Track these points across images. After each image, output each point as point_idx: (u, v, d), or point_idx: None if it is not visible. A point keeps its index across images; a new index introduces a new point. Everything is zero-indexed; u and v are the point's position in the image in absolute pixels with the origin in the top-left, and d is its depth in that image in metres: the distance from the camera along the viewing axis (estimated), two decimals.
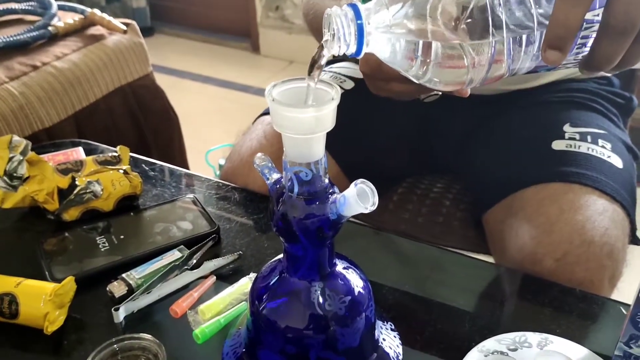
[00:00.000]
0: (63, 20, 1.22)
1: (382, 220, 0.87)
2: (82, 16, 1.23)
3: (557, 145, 0.73)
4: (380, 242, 0.72)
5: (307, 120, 0.39)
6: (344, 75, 0.86)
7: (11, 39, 1.11)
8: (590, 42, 0.40)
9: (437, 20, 0.39)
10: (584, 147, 0.72)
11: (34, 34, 1.14)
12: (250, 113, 0.84)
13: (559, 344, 0.52)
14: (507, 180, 0.73)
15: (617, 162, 0.71)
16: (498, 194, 0.73)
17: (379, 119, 0.82)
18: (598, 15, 0.38)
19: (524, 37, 0.40)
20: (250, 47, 2.81)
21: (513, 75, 0.43)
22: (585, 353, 0.51)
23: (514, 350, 0.51)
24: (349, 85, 0.84)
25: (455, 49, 0.39)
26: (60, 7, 1.27)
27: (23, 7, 1.28)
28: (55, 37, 1.18)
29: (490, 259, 0.76)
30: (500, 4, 0.38)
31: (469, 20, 0.38)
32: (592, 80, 0.84)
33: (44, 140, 1.05)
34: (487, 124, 0.81)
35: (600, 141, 0.73)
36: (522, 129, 0.77)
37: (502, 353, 0.50)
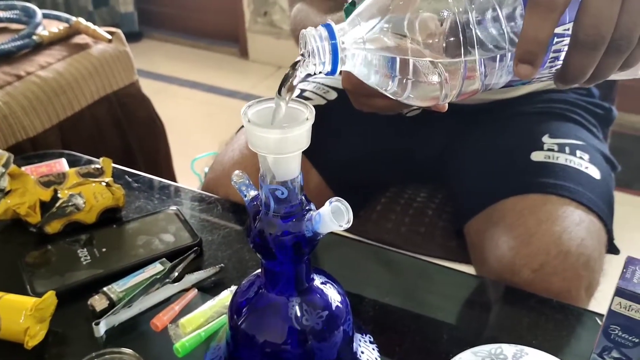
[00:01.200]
0: (48, 29, 1.22)
1: (365, 230, 0.87)
2: (67, 25, 1.23)
3: (536, 156, 0.74)
4: (362, 253, 0.72)
5: (280, 141, 0.39)
6: (328, 86, 0.86)
7: None
8: (562, 55, 0.40)
9: (411, 39, 0.39)
10: (562, 159, 0.73)
11: (18, 43, 1.14)
12: (238, 119, 0.84)
13: (533, 355, 0.52)
14: (487, 191, 0.74)
15: (594, 173, 0.73)
16: (478, 204, 0.74)
17: (361, 130, 0.83)
18: (569, 29, 0.39)
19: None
20: (238, 53, 2.81)
21: (489, 90, 0.44)
22: None
23: None
24: (333, 95, 0.84)
25: (429, 67, 0.40)
26: (45, 16, 1.27)
27: (7, 16, 1.28)
28: (39, 46, 1.17)
29: (471, 269, 0.77)
30: (473, 23, 0.39)
31: (443, 39, 0.39)
32: (572, 91, 0.86)
33: (28, 149, 1.05)
34: (468, 134, 0.82)
35: (578, 152, 0.74)
36: (502, 139, 0.79)
37: None
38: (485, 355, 0.52)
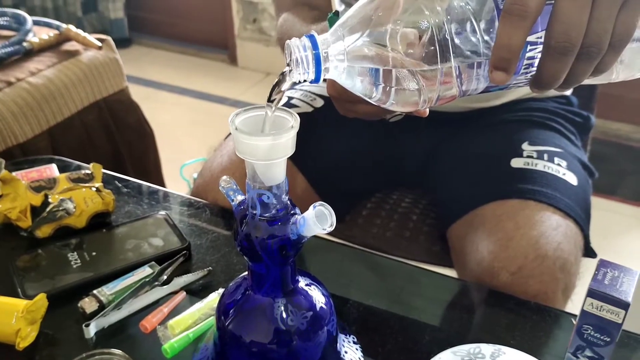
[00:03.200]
0: (38, 35, 1.23)
1: (351, 235, 0.89)
2: (57, 32, 1.24)
3: (516, 163, 0.76)
4: (347, 257, 0.74)
5: (266, 148, 0.41)
6: (315, 94, 0.88)
7: None
8: (537, 62, 0.42)
9: (392, 49, 0.41)
10: (540, 165, 0.75)
11: (9, 49, 1.15)
12: (227, 125, 0.85)
13: (510, 354, 0.54)
14: (468, 197, 0.76)
15: (572, 179, 0.75)
16: (460, 209, 0.76)
17: (347, 136, 0.85)
18: (541, 37, 0.41)
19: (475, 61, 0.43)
20: (227, 59, 2.83)
21: (467, 95, 0.46)
22: None
23: None
24: (319, 103, 0.86)
25: (409, 75, 0.42)
26: (36, 23, 1.28)
27: None
28: (30, 53, 1.18)
29: (453, 273, 0.79)
30: (448, 33, 0.41)
31: (421, 49, 0.41)
32: (551, 99, 0.88)
33: (18, 155, 1.06)
34: (451, 141, 0.85)
35: (556, 159, 0.77)
36: (484, 147, 0.81)
37: None
38: (464, 354, 0.54)
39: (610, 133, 2.13)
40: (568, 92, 0.91)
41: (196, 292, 0.64)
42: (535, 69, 0.42)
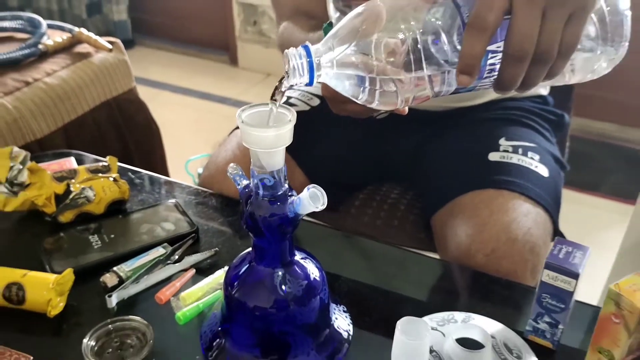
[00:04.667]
0: (52, 38, 1.31)
1: (344, 224, 0.97)
2: (69, 35, 1.32)
3: (493, 156, 0.84)
4: (341, 241, 0.82)
5: (269, 138, 0.49)
6: (312, 94, 0.96)
7: (4, 56, 1.19)
8: (497, 67, 0.50)
9: (375, 58, 0.49)
10: (515, 159, 0.83)
11: (26, 51, 1.23)
12: (228, 123, 0.93)
13: (479, 320, 0.63)
14: (450, 187, 0.84)
15: (543, 171, 0.83)
16: (442, 199, 0.84)
17: (341, 133, 0.93)
18: (501, 47, 0.49)
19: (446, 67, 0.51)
20: (228, 60, 2.91)
21: (440, 96, 0.54)
22: (500, 327, 0.62)
23: (442, 325, 0.61)
24: (316, 102, 0.94)
25: (388, 80, 0.50)
26: (49, 26, 1.36)
27: (13, 26, 1.37)
28: (45, 55, 1.26)
29: (436, 256, 0.87)
30: (421, 44, 0.48)
31: (399, 58, 0.49)
32: (528, 99, 0.96)
33: (36, 150, 1.14)
34: (434, 137, 0.93)
35: (529, 153, 0.85)
36: (464, 142, 0.89)
37: (433, 328, 0.61)
38: (439, 319, 0.62)
39: (594, 132, 2.21)
40: (544, 92, 0.99)
41: (204, 270, 0.72)
42: (497, 73, 0.50)
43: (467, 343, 0.59)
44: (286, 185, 0.54)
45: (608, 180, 1.97)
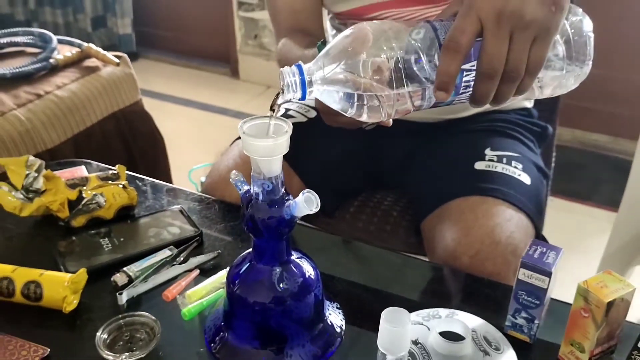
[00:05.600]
0: (62, 53, 1.37)
1: (339, 228, 1.02)
2: (79, 49, 1.38)
3: (479, 165, 0.89)
4: (336, 245, 0.87)
5: (267, 147, 0.55)
6: (309, 106, 1.02)
7: (17, 70, 1.25)
8: (472, 84, 0.56)
9: (361, 76, 0.55)
10: (499, 167, 0.88)
11: (37, 65, 1.29)
12: (229, 134, 0.98)
13: (462, 315, 0.68)
14: (438, 194, 0.89)
15: (526, 179, 0.88)
16: (431, 205, 0.89)
17: (335, 143, 0.98)
18: (474, 65, 0.54)
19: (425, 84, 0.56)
20: (229, 72, 2.97)
21: (421, 109, 0.59)
22: (481, 322, 0.67)
23: (427, 320, 0.67)
24: (312, 114, 1.00)
25: (372, 96, 0.55)
26: (60, 41, 1.42)
27: (24, 40, 1.43)
28: (55, 68, 1.32)
29: (426, 259, 0.92)
30: (403, 64, 0.54)
31: (384, 76, 0.54)
32: (514, 111, 1.02)
33: (46, 159, 1.19)
34: (424, 147, 0.98)
35: (513, 162, 0.90)
36: (452, 152, 0.94)
37: (418, 322, 0.66)
38: (425, 315, 0.68)
39: (588, 143, 2.27)
40: (529, 105, 1.04)
41: (207, 270, 0.77)
42: (471, 89, 0.56)
43: (450, 336, 0.64)
44: (283, 190, 0.60)
45: (599, 189, 2.02)
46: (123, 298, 0.71)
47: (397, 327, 0.50)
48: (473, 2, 0.52)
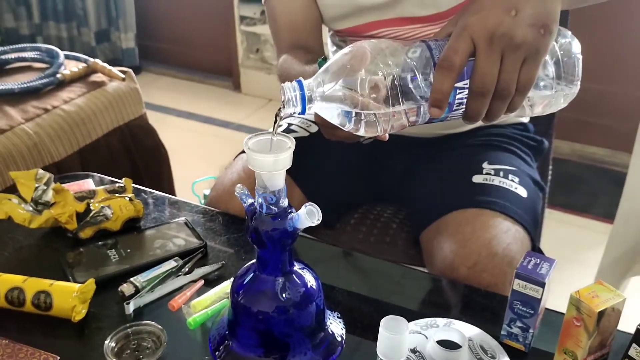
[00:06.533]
0: (69, 68, 1.40)
1: (340, 240, 1.05)
2: (85, 65, 1.41)
3: (476, 179, 0.92)
4: (337, 256, 0.89)
5: (271, 162, 0.57)
6: (310, 121, 1.05)
7: (25, 85, 1.28)
8: (465, 101, 0.58)
9: (358, 92, 0.57)
10: (496, 181, 0.91)
11: (45, 80, 1.32)
12: (231, 147, 1.01)
13: (459, 325, 0.70)
14: (437, 207, 0.91)
15: (522, 192, 0.91)
16: (430, 217, 0.91)
17: (337, 157, 1.01)
18: (467, 84, 0.57)
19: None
20: (232, 86, 3.01)
21: (416, 125, 0.61)
22: (477, 331, 0.69)
23: (426, 329, 0.69)
24: (314, 129, 1.03)
25: (370, 113, 0.58)
26: (66, 57, 1.45)
27: (32, 56, 1.46)
28: (62, 83, 1.35)
29: (425, 270, 0.94)
30: (399, 81, 0.56)
31: (381, 93, 0.57)
32: (511, 126, 1.05)
33: (53, 172, 1.21)
34: (423, 161, 1.01)
35: (510, 176, 0.92)
36: (450, 166, 0.97)
37: (417, 331, 0.68)
38: (423, 324, 0.70)
39: (586, 156, 2.29)
40: (525, 120, 1.07)
41: (211, 281, 0.79)
42: (464, 106, 0.58)
43: (447, 344, 0.66)
44: (286, 203, 0.62)
45: (597, 202, 2.04)
46: (130, 308, 0.73)
47: (396, 335, 0.52)
48: (466, 23, 0.54)
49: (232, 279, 0.78)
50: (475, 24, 0.54)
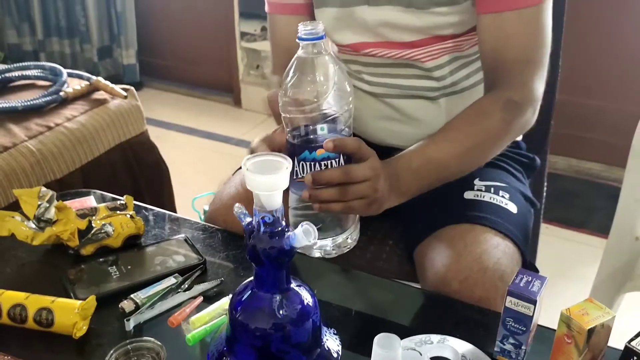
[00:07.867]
0: (72, 86, 1.42)
1: (337, 257, 1.06)
2: (87, 83, 1.44)
3: (468, 195, 0.94)
4: (334, 273, 0.91)
5: (268, 183, 0.59)
6: None
7: (29, 103, 1.31)
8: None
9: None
10: (487, 197, 0.93)
11: (48, 98, 1.34)
12: (231, 162, 1.03)
13: (452, 341, 0.71)
14: (429, 223, 0.93)
15: (512, 208, 0.93)
16: (423, 233, 0.93)
17: None
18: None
19: None
20: (232, 102, 3.04)
21: None
22: (470, 348, 0.71)
23: (420, 346, 0.70)
24: None
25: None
26: (69, 74, 1.48)
27: (35, 74, 1.49)
28: (65, 101, 1.38)
29: (418, 286, 0.95)
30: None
31: None
32: None
33: (55, 189, 1.23)
34: None
35: (500, 192, 0.94)
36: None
37: (411, 348, 0.70)
38: (417, 341, 0.71)
39: (582, 171, 2.31)
40: (519, 138, 1.09)
41: (211, 297, 0.81)
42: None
43: None
44: (283, 222, 0.64)
45: (593, 217, 2.06)
46: (130, 324, 0.75)
47: (389, 351, 0.53)
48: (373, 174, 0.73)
49: (230, 295, 0.80)
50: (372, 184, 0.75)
